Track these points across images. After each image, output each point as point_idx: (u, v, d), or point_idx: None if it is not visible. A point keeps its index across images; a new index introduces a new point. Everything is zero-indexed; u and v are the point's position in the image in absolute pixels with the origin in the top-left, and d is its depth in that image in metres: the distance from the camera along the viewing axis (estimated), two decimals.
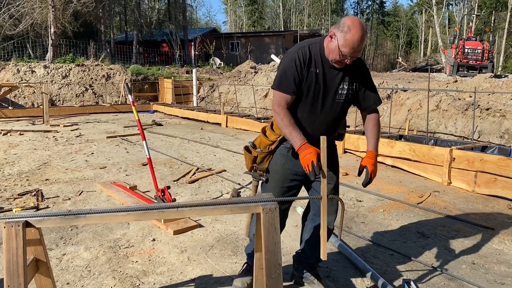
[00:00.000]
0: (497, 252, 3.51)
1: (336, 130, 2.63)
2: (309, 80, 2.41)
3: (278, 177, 2.62)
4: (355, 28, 2.22)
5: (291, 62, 2.40)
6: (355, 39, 2.22)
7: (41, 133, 9.74)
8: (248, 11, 54.19)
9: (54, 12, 19.45)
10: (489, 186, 5.14)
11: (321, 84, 2.41)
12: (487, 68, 18.41)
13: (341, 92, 2.44)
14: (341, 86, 2.44)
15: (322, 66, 2.40)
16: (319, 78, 2.41)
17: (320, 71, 2.40)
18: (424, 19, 51.62)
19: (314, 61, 2.40)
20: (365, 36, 2.26)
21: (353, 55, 2.27)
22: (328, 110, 2.47)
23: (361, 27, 2.24)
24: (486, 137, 7.59)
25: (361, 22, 2.28)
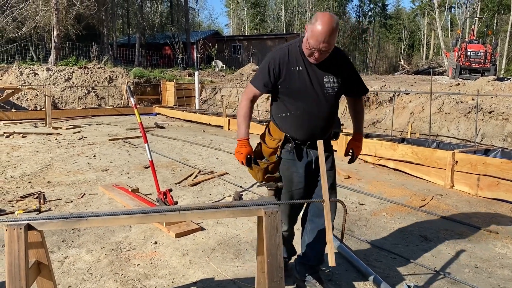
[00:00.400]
0: (500, 256, 3.49)
1: (332, 126, 2.68)
2: (292, 78, 2.50)
3: (286, 182, 2.67)
4: (321, 20, 2.28)
5: (266, 63, 2.54)
6: (319, 31, 2.26)
7: (43, 136, 9.76)
8: (250, 14, 54.29)
9: (57, 15, 19.51)
10: (492, 189, 5.12)
11: (306, 80, 2.49)
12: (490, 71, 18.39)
13: (329, 86, 2.51)
14: (327, 79, 2.51)
15: (303, 63, 2.48)
16: (302, 75, 2.48)
17: (303, 68, 2.48)
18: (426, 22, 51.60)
19: (295, 60, 2.49)
20: (331, 29, 2.27)
21: (319, 47, 2.31)
22: (321, 103, 2.53)
23: (328, 20, 2.27)
24: (488, 140, 7.57)
25: (331, 16, 2.31)
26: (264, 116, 13.00)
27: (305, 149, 2.65)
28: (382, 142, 6.92)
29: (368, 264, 3.21)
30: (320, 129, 2.59)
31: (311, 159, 2.64)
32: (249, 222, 4.15)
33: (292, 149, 2.62)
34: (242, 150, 2.61)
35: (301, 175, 2.64)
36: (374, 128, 10.12)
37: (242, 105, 2.64)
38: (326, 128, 2.63)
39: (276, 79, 2.51)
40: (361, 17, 61.27)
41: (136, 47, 27.54)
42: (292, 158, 2.63)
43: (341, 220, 2.64)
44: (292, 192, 2.68)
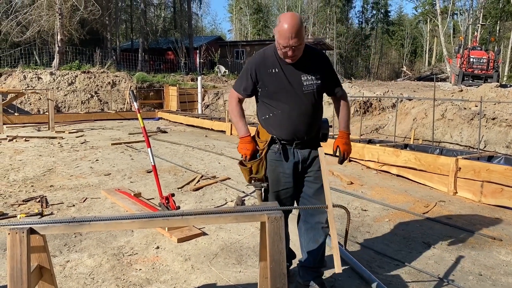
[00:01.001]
0: (505, 264, 3.46)
1: (316, 124, 2.71)
2: (270, 80, 2.60)
3: (272, 182, 2.72)
4: (285, 18, 2.40)
5: (245, 69, 2.70)
6: (285, 28, 2.37)
7: (46, 140, 9.77)
8: (253, 20, 54.49)
9: (61, 19, 19.61)
10: (496, 196, 5.09)
11: (283, 81, 2.59)
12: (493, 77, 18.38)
13: (307, 84, 2.59)
14: (305, 78, 2.59)
15: (279, 65, 2.59)
16: (279, 76, 2.59)
17: (279, 70, 2.59)
18: (429, 28, 51.68)
19: (271, 63, 2.60)
20: (296, 24, 2.36)
21: (290, 44, 2.39)
22: (300, 101, 2.60)
23: (291, 17, 2.39)
24: (492, 146, 7.55)
25: (293, 13, 2.45)
26: None
27: (292, 150, 2.69)
28: (385, 148, 6.91)
29: (371, 271, 3.19)
30: (303, 126, 2.64)
31: (298, 160, 2.69)
32: (251, 227, 4.14)
33: (278, 149, 2.67)
34: (248, 146, 2.67)
35: (288, 175, 2.69)
36: (377, 134, 10.10)
37: (232, 107, 2.77)
38: (309, 126, 2.66)
39: (254, 83, 2.64)
40: (364, 23, 61.45)
41: (139, 52, 27.63)
42: (278, 159, 2.68)
43: (342, 225, 2.62)
44: (278, 192, 2.74)
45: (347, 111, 2.82)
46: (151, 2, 35.41)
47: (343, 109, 2.80)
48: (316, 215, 2.74)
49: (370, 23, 61.70)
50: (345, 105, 2.81)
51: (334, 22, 52.75)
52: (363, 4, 60.40)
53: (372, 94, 13.74)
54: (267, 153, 2.69)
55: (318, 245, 2.74)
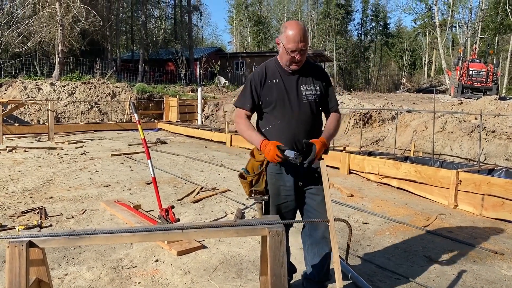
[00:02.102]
0: (507, 278, 3.43)
1: (316, 134, 2.68)
2: (270, 91, 2.66)
3: (272, 195, 2.70)
4: (291, 25, 2.54)
5: (248, 83, 2.73)
6: (294, 33, 2.49)
7: (46, 150, 9.76)
8: (253, 32, 54.85)
9: (62, 30, 19.73)
10: (497, 209, 5.07)
11: (283, 91, 2.64)
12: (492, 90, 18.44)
13: (306, 93, 2.65)
14: (303, 88, 2.65)
15: (280, 76, 2.67)
16: (279, 86, 2.65)
17: (279, 80, 2.66)
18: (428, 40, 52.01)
19: (272, 74, 2.68)
20: (302, 29, 2.51)
21: (299, 48, 2.49)
22: (298, 111, 2.63)
23: (297, 23, 2.56)
24: (492, 159, 7.54)
25: (295, 21, 2.64)
26: None
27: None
28: (385, 160, 6.90)
29: (372, 285, 3.16)
30: (303, 135, 2.63)
31: (299, 172, 2.66)
32: (252, 240, 4.11)
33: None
34: (269, 147, 2.49)
35: (289, 188, 2.67)
36: (377, 146, 10.10)
37: (241, 124, 2.72)
38: (309, 135, 2.64)
39: (258, 95, 2.67)
40: (363, 35, 61.84)
41: (140, 63, 27.74)
42: (279, 172, 2.67)
43: (344, 239, 2.60)
44: (279, 206, 2.71)
45: (335, 125, 2.76)
46: (152, 14, 35.67)
47: (332, 121, 2.77)
48: (320, 229, 2.72)
49: (369, 35, 62.12)
50: (336, 120, 2.79)
51: (334, 34, 53.09)
52: (362, 17, 60.90)
53: (371, 106, 13.77)
54: (268, 166, 2.67)
55: (323, 258, 2.72)
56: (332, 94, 2.79)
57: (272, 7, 59.04)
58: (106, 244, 3.82)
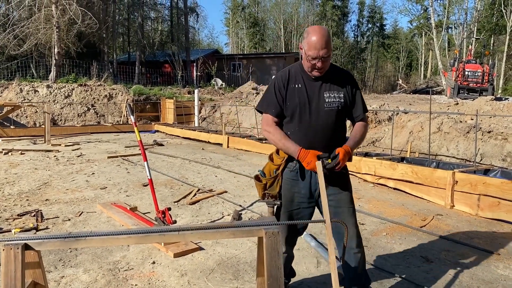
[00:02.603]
0: (503, 278, 3.45)
1: (336, 143, 2.56)
2: (292, 95, 2.57)
3: (285, 201, 2.66)
4: (313, 30, 2.44)
5: (271, 85, 2.66)
6: (315, 39, 2.39)
7: (42, 153, 9.73)
8: (249, 33, 54.89)
9: (58, 32, 19.70)
10: (493, 209, 5.09)
11: (305, 96, 2.55)
12: (488, 90, 18.49)
13: (329, 101, 2.54)
14: (327, 95, 2.55)
15: (303, 81, 2.57)
16: (301, 91, 2.56)
17: (302, 86, 2.56)
18: (424, 41, 52.15)
19: (295, 78, 2.59)
20: (325, 35, 2.41)
21: (320, 55, 2.40)
22: (318, 119, 2.55)
23: (319, 29, 2.44)
24: (488, 160, 7.57)
25: (319, 26, 2.49)
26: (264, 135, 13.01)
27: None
28: (382, 161, 6.91)
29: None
30: (320, 144, 2.53)
31: (316, 180, 2.56)
32: (249, 242, 4.11)
33: (295, 168, 2.60)
34: (309, 157, 2.44)
35: (303, 196, 2.62)
36: (373, 147, 10.12)
37: (272, 133, 2.60)
38: (327, 144, 2.54)
39: (283, 98, 2.58)
40: (359, 36, 61.97)
41: (136, 65, 27.72)
42: (295, 178, 2.61)
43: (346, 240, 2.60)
44: (291, 212, 2.66)
45: (361, 134, 2.66)
46: (148, 16, 35.61)
47: (357, 130, 2.66)
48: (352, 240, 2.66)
49: (366, 36, 62.25)
50: (362, 129, 2.67)
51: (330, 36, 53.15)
52: (359, 18, 61.00)
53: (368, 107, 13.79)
54: (284, 171, 2.64)
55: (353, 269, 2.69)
56: (359, 102, 2.65)
57: (268, 9, 59.09)
58: (102, 246, 3.81)
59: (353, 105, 2.65)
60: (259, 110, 2.71)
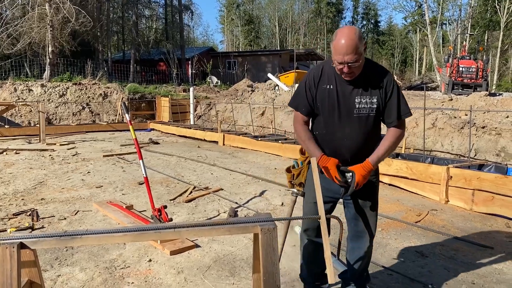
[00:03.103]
0: (497, 272, 3.48)
1: (365, 149, 2.49)
2: (322, 96, 2.46)
3: (308, 192, 2.67)
4: (339, 33, 2.27)
5: (303, 82, 2.53)
6: (340, 44, 2.24)
7: (37, 152, 9.70)
8: (244, 31, 54.83)
9: (52, 31, 19.59)
10: (487, 204, 5.13)
11: (335, 99, 2.43)
12: (482, 86, 18.56)
13: (360, 107, 2.40)
14: (358, 100, 2.40)
15: (335, 82, 2.42)
16: (332, 93, 2.43)
17: (334, 87, 2.42)
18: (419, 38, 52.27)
19: (327, 78, 2.45)
20: (351, 39, 2.22)
21: (345, 60, 2.24)
22: (346, 125, 2.44)
23: (346, 32, 2.25)
24: (482, 155, 7.61)
25: (349, 28, 2.28)
26: (259, 132, 13.03)
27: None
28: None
29: None
30: (345, 151, 2.49)
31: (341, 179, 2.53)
32: (245, 239, 4.12)
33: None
34: (329, 165, 2.41)
35: (326, 190, 2.51)
36: None
37: (298, 132, 2.58)
38: (353, 151, 2.48)
39: (313, 98, 2.49)
40: None
41: (131, 63, 27.60)
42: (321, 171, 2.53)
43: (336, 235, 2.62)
44: (312, 204, 2.63)
45: (389, 144, 2.46)
46: (143, 14, 35.44)
47: (387, 139, 2.48)
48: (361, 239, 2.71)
49: None
50: (393, 134, 2.47)
51: (325, 33, 53.23)
52: (353, 15, 61.18)
53: None
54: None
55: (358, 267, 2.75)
56: (393, 107, 2.43)
57: (263, 6, 59.09)
58: (98, 244, 3.82)
59: (388, 110, 2.45)
60: (291, 106, 2.63)
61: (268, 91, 16.89)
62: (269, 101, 14.35)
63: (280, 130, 12.38)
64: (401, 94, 2.47)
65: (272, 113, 12.78)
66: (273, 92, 16.67)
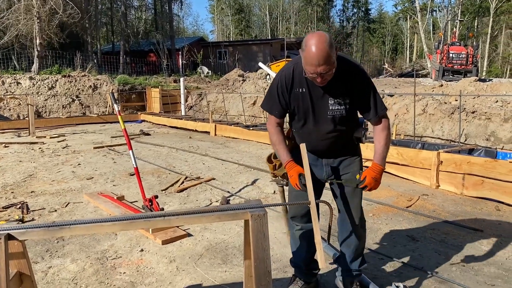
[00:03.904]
0: (487, 254, 3.52)
1: (344, 142, 2.56)
2: (295, 100, 2.44)
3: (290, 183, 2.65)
4: (309, 43, 2.13)
5: (274, 85, 2.48)
6: (311, 55, 2.12)
7: (26, 145, 9.60)
8: (235, 20, 54.47)
9: (40, 23, 19.30)
10: (477, 188, 5.17)
11: (308, 103, 2.41)
12: (472, 72, 18.67)
13: (333, 108, 2.39)
14: (331, 101, 2.38)
15: (307, 85, 2.38)
16: (305, 97, 2.41)
17: (306, 90, 2.39)
18: (409, 25, 52.34)
19: (298, 81, 2.40)
20: (323, 49, 2.10)
21: (318, 71, 2.15)
22: (321, 126, 2.45)
23: (318, 41, 2.11)
24: (472, 140, 7.67)
25: (320, 36, 2.13)
26: (251, 121, 13.00)
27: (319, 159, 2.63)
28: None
29: None
30: (323, 148, 2.54)
31: (321, 165, 2.62)
32: (237, 227, 4.12)
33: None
34: (291, 172, 2.43)
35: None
36: None
37: (270, 133, 2.57)
38: (331, 148, 2.54)
39: (286, 102, 2.46)
40: (345, 21, 61.94)
41: (121, 55, 27.36)
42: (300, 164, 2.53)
43: (334, 221, 2.63)
44: (295, 193, 2.65)
45: (384, 140, 2.46)
46: (132, 4, 35.09)
47: (379, 138, 2.47)
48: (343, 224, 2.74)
49: (351, 21, 62.22)
50: (383, 133, 2.46)
51: (315, 21, 53.04)
52: (344, 3, 60.92)
53: None
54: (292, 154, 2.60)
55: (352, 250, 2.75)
56: (370, 104, 2.41)
57: None
58: (87, 234, 3.80)
59: (364, 109, 2.44)
60: (264, 109, 2.61)
61: (259, 81, 16.83)
62: (261, 91, 14.31)
63: None
64: (375, 90, 2.44)
65: None
66: (264, 81, 16.63)
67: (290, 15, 54.28)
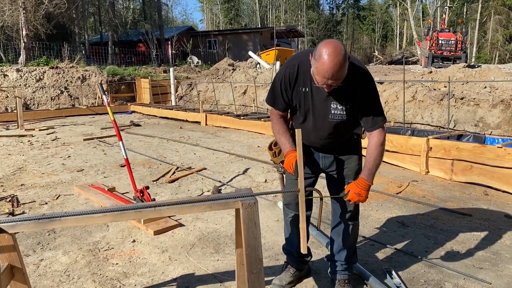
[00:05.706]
0: (475, 238, 3.57)
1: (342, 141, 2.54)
2: (298, 98, 2.42)
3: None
4: (326, 56, 2.05)
5: (278, 80, 2.44)
6: (325, 68, 2.06)
7: (15, 138, 9.51)
8: (224, 9, 54.06)
9: (25, 14, 19.00)
10: (466, 173, 5.24)
11: (309, 104, 2.38)
12: (461, 58, 18.73)
13: (335, 112, 2.35)
14: (334, 106, 2.34)
15: (310, 85, 2.33)
16: (307, 97, 2.38)
17: (309, 91, 2.36)
18: (399, 12, 52.32)
19: (302, 80, 2.36)
20: (338, 63, 2.04)
21: (327, 83, 2.12)
22: (320, 127, 2.44)
23: (333, 53, 2.04)
24: (461, 126, 7.73)
25: (336, 47, 2.06)
26: (242, 111, 12.98)
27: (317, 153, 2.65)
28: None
29: None
30: (323, 147, 2.56)
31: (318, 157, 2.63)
32: (229, 216, 4.14)
33: None
34: (289, 158, 2.39)
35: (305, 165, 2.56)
36: None
37: (274, 124, 2.56)
38: (329, 147, 2.55)
39: (289, 98, 2.44)
40: (335, 9, 61.80)
41: (109, 45, 27.08)
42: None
43: (321, 208, 2.64)
44: (290, 181, 2.70)
45: (377, 156, 2.37)
46: None
47: (371, 153, 2.37)
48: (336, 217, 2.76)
49: (341, 9, 62.13)
50: (376, 150, 2.37)
51: (305, 9, 52.79)
52: None
53: None
54: None
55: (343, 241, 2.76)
56: (369, 114, 2.34)
57: None
58: (78, 225, 3.80)
59: (363, 117, 2.37)
60: (268, 103, 2.59)
61: (249, 70, 16.75)
62: (251, 80, 14.25)
63: (262, 108, 12.34)
64: (378, 100, 2.39)
65: (254, 91, 12.71)
66: (254, 70, 16.56)
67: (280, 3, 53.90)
